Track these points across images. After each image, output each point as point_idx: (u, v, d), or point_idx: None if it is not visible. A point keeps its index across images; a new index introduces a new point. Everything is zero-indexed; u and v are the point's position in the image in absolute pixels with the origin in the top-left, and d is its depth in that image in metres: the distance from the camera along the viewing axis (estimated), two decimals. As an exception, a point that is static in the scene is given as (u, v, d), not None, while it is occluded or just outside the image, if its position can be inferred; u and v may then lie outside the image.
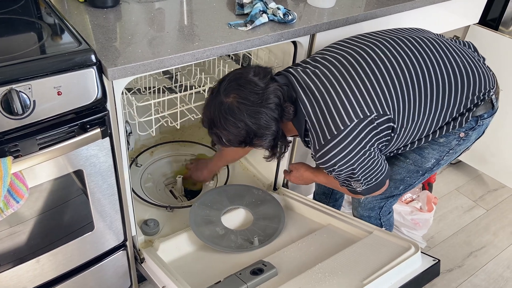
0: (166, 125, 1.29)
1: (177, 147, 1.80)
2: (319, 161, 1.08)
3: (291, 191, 1.56)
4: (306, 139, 1.12)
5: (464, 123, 1.14)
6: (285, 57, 1.39)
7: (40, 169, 0.96)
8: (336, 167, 1.07)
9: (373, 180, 1.12)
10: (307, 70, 1.10)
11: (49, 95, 0.89)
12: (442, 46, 1.14)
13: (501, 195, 2.11)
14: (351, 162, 1.05)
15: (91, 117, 0.97)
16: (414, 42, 1.12)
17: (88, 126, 0.96)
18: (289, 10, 1.25)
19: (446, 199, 2.07)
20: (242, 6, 1.28)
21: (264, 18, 1.22)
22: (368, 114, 1.03)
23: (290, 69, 1.14)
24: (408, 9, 1.45)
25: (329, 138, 1.03)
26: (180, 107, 1.27)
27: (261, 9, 1.24)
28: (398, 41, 1.12)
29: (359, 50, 1.10)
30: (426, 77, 1.08)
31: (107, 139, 1.02)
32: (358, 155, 1.05)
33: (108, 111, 1.00)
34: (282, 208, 1.46)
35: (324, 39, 1.33)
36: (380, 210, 1.42)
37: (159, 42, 1.07)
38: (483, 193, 2.12)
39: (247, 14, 1.25)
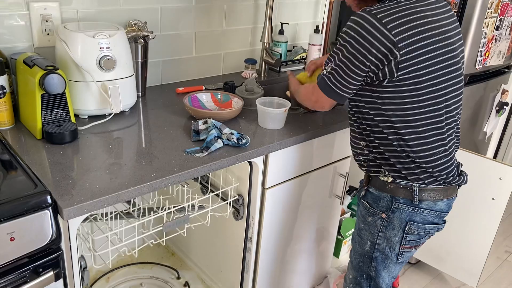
0: (124, 255, 1.26)
1: (134, 270, 1.73)
2: (355, 13, 1.11)
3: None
4: None
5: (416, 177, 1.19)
6: (241, 175, 1.44)
7: (-15, 321, 0.90)
8: (346, 28, 1.10)
9: (334, 73, 1.14)
10: None
11: (1, 242, 0.87)
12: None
13: (463, 292, 2.13)
14: (354, 40, 1.08)
15: (45, 259, 0.94)
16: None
17: (41, 270, 0.92)
18: (242, 134, 1.33)
19: (412, 301, 2.05)
20: (198, 132, 1.35)
21: (219, 144, 1.29)
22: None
23: None
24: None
25: (373, 12, 1.07)
26: (138, 234, 1.26)
27: (216, 135, 1.31)
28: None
29: None
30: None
31: (61, 280, 0.97)
32: (363, 40, 1.06)
33: (62, 250, 0.98)
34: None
35: (277, 157, 1.41)
36: None
37: (116, 175, 1.09)
38: (447, 291, 2.14)
39: (203, 140, 1.32)
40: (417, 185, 1.18)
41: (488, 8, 1.77)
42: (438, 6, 1.13)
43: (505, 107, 2.25)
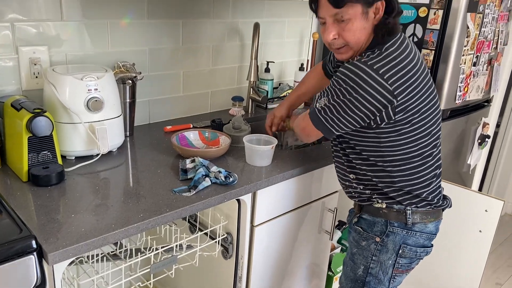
0: (110, 299, 1.23)
1: (122, 314, 1.68)
2: (349, 63, 1.15)
3: None
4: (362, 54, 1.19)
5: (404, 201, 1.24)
6: (230, 212, 1.44)
7: None
8: (343, 76, 1.13)
9: (327, 110, 1.17)
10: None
11: (-17, 290, 0.85)
12: None
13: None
14: (355, 89, 1.11)
15: (28, 307, 0.91)
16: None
17: (23, 319, 0.90)
18: (230, 172, 1.34)
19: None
20: (185, 171, 1.36)
21: (207, 182, 1.29)
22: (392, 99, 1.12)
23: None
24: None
25: (369, 63, 1.12)
26: (125, 277, 1.23)
27: (204, 174, 1.31)
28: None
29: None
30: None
31: (44, 331, 0.95)
32: (362, 92, 1.11)
33: (47, 296, 0.95)
34: None
35: (266, 195, 1.41)
36: None
37: (103, 217, 1.09)
38: (440, 326, 2.10)
39: (191, 179, 1.32)
40: (410, 208, 1.25)
41: (465, 46, 1.84)
42: (412, 48, 1.21)
43: (486, 139, 2.31)
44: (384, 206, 1.26)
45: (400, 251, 1.27)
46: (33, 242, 0.92)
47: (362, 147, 1.23)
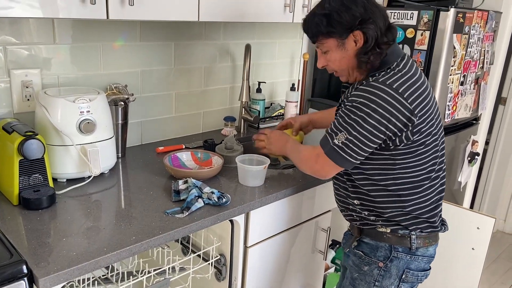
0: (101, 324, 1.20)
1: None
2: (364, 85, 1.14)
3: None
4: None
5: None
6: (223, 233, 1.43)
7: None
8: (360, 99, 1.12)
9: (350, 144, 1.14)
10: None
11: (-29, 317, 0.83)
12: None
13: None
14: (372, 113, 1.10)
15: (17, 335, 0.89)
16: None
17: None
18: (223, 193, 1.34)
19: None
20: (178, 192, 1.35)
21: (199, 203, 1.28)
22: (412, 118, 1.12)
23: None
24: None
25: (387, 82, 1.12)
26: (117, 301, 1.21)
27: (197, 195, 1.31)
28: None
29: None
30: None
31: None
32: (377, 116, 1.10)
33: (37, 324, 0.93)
34: None
35: (259, 215, 1.41)
36: None
37: (95, 240, 1.07)
38: None
39: (184, 200, 1.31)
40: (415, 233, 1.24)
41: (452, 66, 1.89)
42: (421, 72, 1.22)
43: (476, 157, 2.34)
44: (388, 230, 1.25)
45: (403, 276, 1.26)
46: (24, 267, 0.91)
47: (374, 170, 1.20)
